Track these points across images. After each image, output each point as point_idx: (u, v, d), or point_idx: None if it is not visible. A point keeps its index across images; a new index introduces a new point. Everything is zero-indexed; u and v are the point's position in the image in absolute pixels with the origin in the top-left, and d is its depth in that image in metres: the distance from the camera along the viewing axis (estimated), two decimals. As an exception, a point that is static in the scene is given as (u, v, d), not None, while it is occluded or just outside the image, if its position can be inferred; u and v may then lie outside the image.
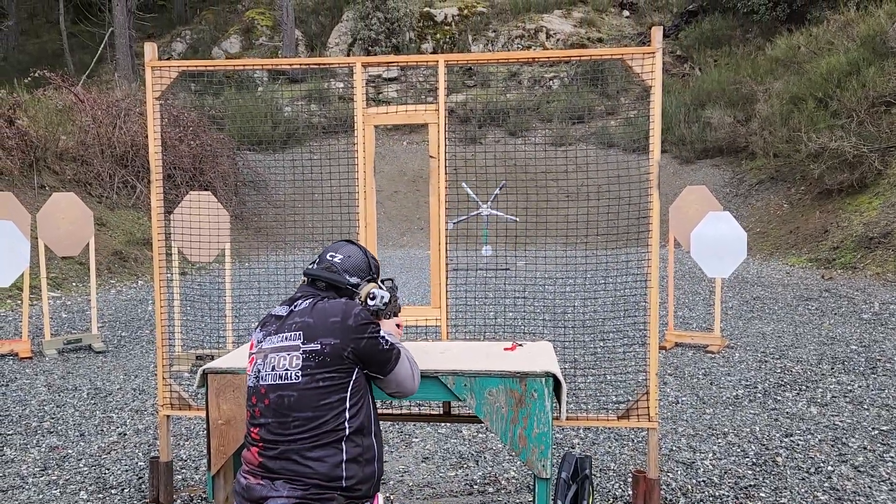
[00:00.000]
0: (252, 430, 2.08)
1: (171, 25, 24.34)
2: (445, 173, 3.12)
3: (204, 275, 11.19)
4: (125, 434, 4.19)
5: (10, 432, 4.23)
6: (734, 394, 4.78)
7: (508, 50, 20.17)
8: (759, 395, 4.74)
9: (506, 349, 2.90)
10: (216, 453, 2.62)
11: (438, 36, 20.82)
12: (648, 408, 3.04)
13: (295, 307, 2.17)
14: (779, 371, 5.27)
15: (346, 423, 2.03)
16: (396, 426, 4.29)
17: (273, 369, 2.08)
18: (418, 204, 16.46)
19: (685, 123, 15.43)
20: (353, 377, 2.06)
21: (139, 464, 3.73)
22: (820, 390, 4.79)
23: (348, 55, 20.80)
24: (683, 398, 4.72)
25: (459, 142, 16.56)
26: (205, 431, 4.22)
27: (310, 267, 2.29)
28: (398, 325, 2.52)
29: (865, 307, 7.39)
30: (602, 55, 3.02)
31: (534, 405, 2.52)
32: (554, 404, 2.60)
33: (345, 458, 2.01)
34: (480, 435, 4.13)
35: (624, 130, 15.41)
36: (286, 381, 2.05)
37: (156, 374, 5.51)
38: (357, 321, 2.08)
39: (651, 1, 20.85)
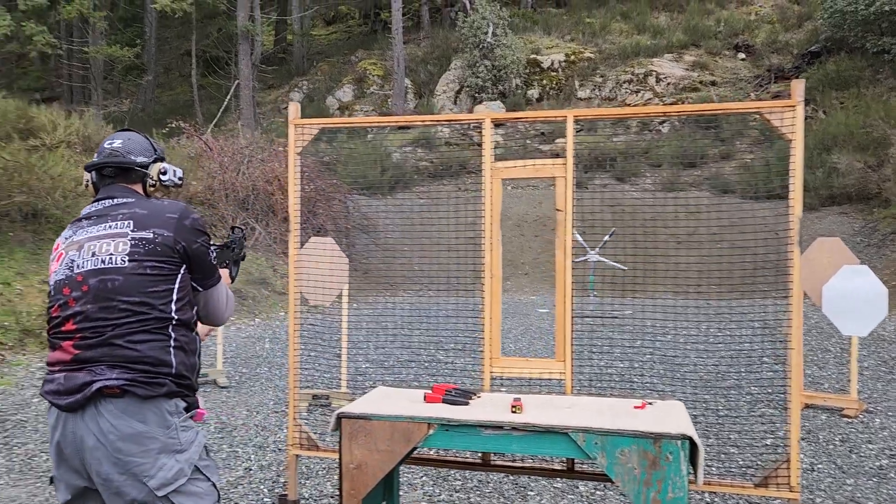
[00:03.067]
0: (65, 324, 2.01)
1: (290, 76, 25.85)
2: (573, 227, 3.12)
3: (315, 315, 11.60)
4: (250, 469, 4.36)
5: (147, 461, 4.49)
6: (877, 464, 4.40)
7: (616, 94, 20.03)
8: (907, 466, 4.34)
9: (635, 407, 2.83)
10: (347, 497, 2.68)
11: (545, 82, 20.99)
12: (789, 476, 2.85)
13: (108, 202, 2.13)
14: (928, 441, 4.82)
15: (174, 313, 2.04)
16: (511, 478, 4.23)
17: (93, 255, 2.03)
18: (522, 249, 16.44)
19: (808, 169, 14.68)
20: (181, 272, 2.08)
21: (265, 500, 3.86)
22: (979, 465, 4.33)
23: (455, 102, 21.33)
24: (819, 466, 4.40)
25: (566, 187, 16.49)
26: (325, 472, 4.33)
27: (91, 161, 2.22)
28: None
29: None
30: (739, 110, 2.95)
31: (669, 468, 2.42)
32: (690, 468, 2.50)
33: (172, 345, 2.02)
34: (598, 492, 4.00)
35: (740, 176, 14.84)
36: (110, 266, 2.01)
37: (276, 412, 5.73)
38: (193, 224, 2.12)
39: (769, 43, 20.18)
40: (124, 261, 2.02)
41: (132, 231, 2.05)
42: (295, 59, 27.09)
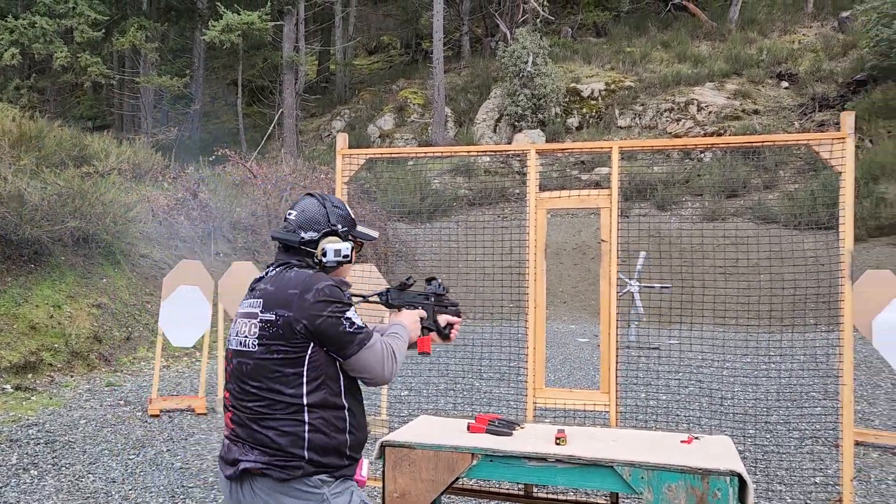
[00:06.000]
0: (225, 392, 2.11)
1: (332, 105, 26.36)
2: (618, 258, 3.12)
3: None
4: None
5: (190, 485, 4.57)
6: (934, 506, 4.24)
7: (657, 123, 19.94)
8: (966, 510, 4.17)
9: (682, 441, 2.79)
10: (391, 526, 2.70)
11: (584, 110, 21.02)
12: (842, 518, 2.78)
13: (266, 273, 2.16)
14: None
15: (304, 398, 1.98)
16: (552, 510, 4.18)
17: (237, 335, 2.08)
18: (561, 277, 16.35)
19: (856, 199, 14.36)
20: (309, 352, 2.00)
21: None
22: None
23: (495, 130, 21.47)
24: (872, 506, 4.25)
25: (605, 215, 16.40)
26: (370, 500, 4.34)
27: (273, 232, 2.24)
28: (447, 325, 2.45)
29: None
30: (788, 141, 2.94)
31: (716, 505, 2.39)
32: (738, 506, 2.45)
33: (307, 430, 1.98)
34: (642, 528, 3.93)
35: (784, 205, 14.59)
36: (244, 349, 2.04)
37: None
38: (317, 297, 1.99)
39: (812, 72, 19.92)
40: (255, 344, 2.04)
41: (261, 312, 2.04)
42: (337, 88, 27.65)
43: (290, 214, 2.18)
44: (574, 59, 23.36)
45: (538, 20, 22.66)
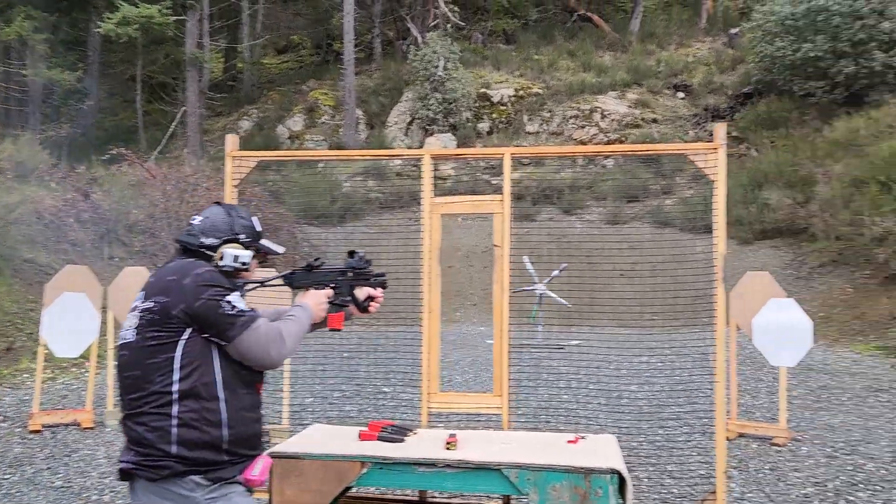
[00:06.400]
0: None
1: (239, 104, 25.64)
2: (510, 262, 3.18)
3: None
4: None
5: None
6: (803, 492, 4.55)
7: (563, 129, 20.52)
8: (831, 494, 4.50)
9: (569, 441, 2.87)
10: (278, 539, 2.63)
11: (495, 116, 21.36)
12: (716, 509, 2.93)
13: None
14: (850, 469, 5.01)
15: (175, 386, 1.95)
16: (451, 513, 4.21)
17: (125, 329, 2.08)
18: (471, 280, 16.53)
19: (742, 204, 15.27)
20: (184, 337, 1.99)
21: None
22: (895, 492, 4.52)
23: (406, 134, 21.49)
24: (749, 494, 4.52)
25: (514, 219, 16.71)
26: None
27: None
28: (359, 299, 2.46)
29: (942, 401, 7.01)
30: (665, 150, 3.08)
31: (599, 502, 2.47)
32: (619, 502, 2.55)
33: (175, 423, 1.94)
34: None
35: (680, 210, 15.33)
36: (125, 341, 2.05)
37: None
38: (196, 281, 2.01)
39: (705, 84, 21.03)
40: (133, 335, 2.03)
41: (141, 302, 2.05)
42: (245, 87, 26.91)
43: (194, 220, 2.23)
44: (484, 64, 23.71)
45: (449, 25, 22.86)
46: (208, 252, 2.16)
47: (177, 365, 1.97)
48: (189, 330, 2.00)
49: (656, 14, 27.54)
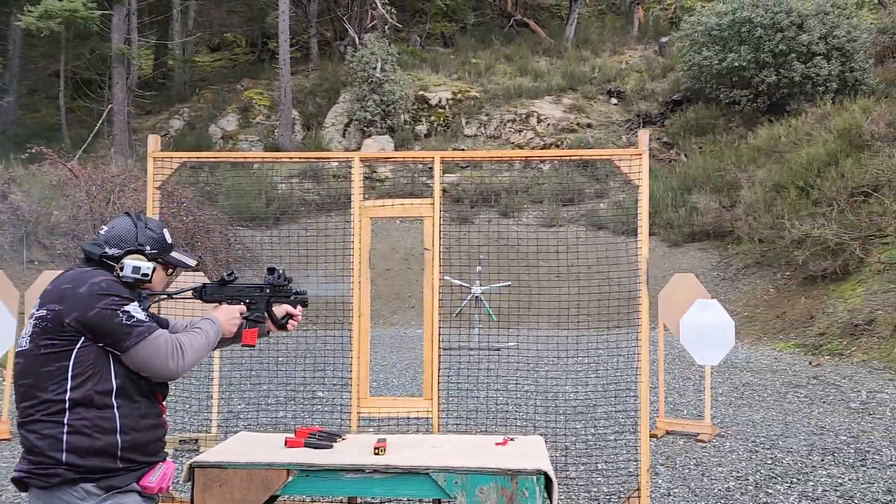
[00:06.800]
0: None
1: (170, 103, 24.90)
2: (440, 266, 3.18)
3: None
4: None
5: (-17, 520, 4.09)
6: (725, 486, 4.71)
7: (501, 133, 20.73)
8: (751, 487, 4.68)
9: (497, 444, 2.89)
10: (200, 551, 2.56)
11: (433, 118, 21.41)
12: (640, 505, 3.00)
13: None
14: (769, 462, 5.22)
15: (67, 394, 1.94)
16: (383, 518, 4.19)
17: (21, 338, 2.08)
18: (409, 282, 16.51)
19: (672, 207, 15.76)
20: (78, 346, 1.97)
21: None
22: (811, 483, 4.74)
23: (344, 135, 21.30)
24: (675, 490, 4.65)
25: (452, 221, 16.79)
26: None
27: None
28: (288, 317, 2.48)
29: (853, 395, 7.39)
30: (592, 156, 3.14)
31: (525, 503, 2.49)
32: (545, 502, 2.58)
33: (66, 431, 1.94)
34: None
35: (613, 213, 15.70)
36: (20, 349, 2.05)
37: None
38: (92, 290, 2.00)
39: (637, 90, 21.63)
40: (27, 343, 2.02)
41: (36, 310, 2.03)
42: (176, 86, 26.17)
43: (101, 229, 2.23)
44: (422, 67, 23.75)
45: (387, 27, 22.79)
46: (110, 262, 2.15)
47: (70, 374, 1.96)
48: (82, 339, 1.99)
49: (591, 21, 28.18)
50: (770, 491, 4.61)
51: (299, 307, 2.52)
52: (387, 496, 2.76)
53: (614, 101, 21.69)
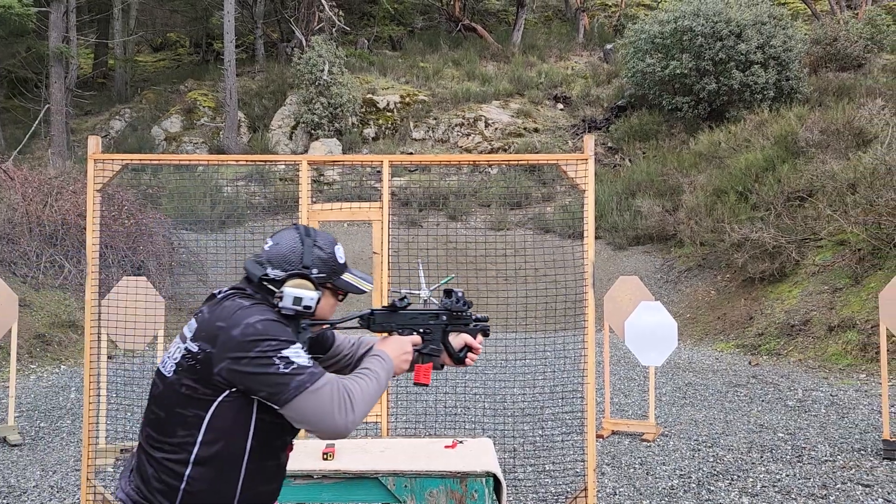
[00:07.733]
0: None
1: (111, 103, 24.18)
2: (388, 270, 3.18)
3: (132, 359, 10.75)
4: (39, 539, 3.92)
5: None
6: (669, 484, 4.84)
7: (449, 137, 20.82)
8: (694, 485, 4.81)
9: (446, 447, 2.90)
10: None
11: (381, 122, 21.35)
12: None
13: (220, 292, 1.92)
14: (711, 460, 5.38)
15: (195, 448, 1.74)
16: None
17: (167, 355, 1.86)
18: (358, 286, 16.37)
19: (617, 211, 16.09)
20: (221, 398, 1.74)
21: (54, 573, 3.48)
22: (750, 480, 4.90)
23: (291, 138, 21.04)
24: (621, 489, 4.75)
25: (401, 224, 16.76)
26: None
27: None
28: (470, 350, 2.09)
29: (790, 394, 7.67)
30: (539, 160, 3.19)
31: (474, 506, 2.51)
32: (494, 503, 2.60)
33: (184, 486, 1.74)
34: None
35: (559, 217, 15.93)
36: (162, 370, 1.84)
37: (77, 470, 5.20)
38: (246, 334, 1.72)
39: (583, 96, 22.03)
40: (171, 371, 1.79)
41: (190, 339, 1.78)
42: (117, 86, 25.42)
43: (266, 244, 1.92)
44: (370, 70, 23.67)
45: (334, 29, 22.65)
46: (271, 287, 1.86)
47: (204, 427, 1.75)
48: (228, 391, 1.75)
49: (537, 27, 28.58)
50: (712, 488, 4.75)
51: (479, 336, 2.13)
52: (336, 501, 2.73)
53: (560, 106, 22.03)
